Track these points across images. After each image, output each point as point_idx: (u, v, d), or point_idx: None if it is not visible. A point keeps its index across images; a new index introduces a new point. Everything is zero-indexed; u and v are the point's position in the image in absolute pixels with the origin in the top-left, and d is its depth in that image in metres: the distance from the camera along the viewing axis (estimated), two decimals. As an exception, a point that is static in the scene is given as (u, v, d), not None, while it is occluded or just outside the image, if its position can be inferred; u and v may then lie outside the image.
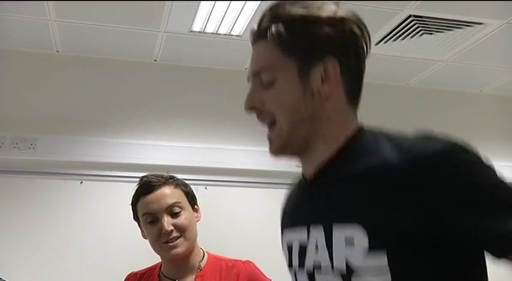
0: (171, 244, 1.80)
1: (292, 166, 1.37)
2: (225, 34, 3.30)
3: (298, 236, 1.20)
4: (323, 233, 1.10)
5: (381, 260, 1.01)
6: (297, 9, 1.13)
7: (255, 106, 1.17)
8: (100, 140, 3.56)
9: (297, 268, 1.19)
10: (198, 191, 2.05)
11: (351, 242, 1.05)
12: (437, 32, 3.25)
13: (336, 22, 1.13)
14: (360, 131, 1.17)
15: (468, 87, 4.20)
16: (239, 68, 3.75)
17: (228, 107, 3.77)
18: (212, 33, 3.28)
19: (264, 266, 1.99)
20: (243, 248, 2.24)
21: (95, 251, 3.33)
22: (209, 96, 3.83)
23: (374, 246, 1.00)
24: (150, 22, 3.17)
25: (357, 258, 1.03)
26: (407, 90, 4.16)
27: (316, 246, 1.11)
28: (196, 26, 3.18)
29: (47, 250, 3.31)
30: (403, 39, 3.35)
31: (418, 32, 3.25)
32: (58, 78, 3.61)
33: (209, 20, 3.10)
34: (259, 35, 1.17)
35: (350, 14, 1.15)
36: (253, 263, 1.94)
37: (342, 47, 1.13)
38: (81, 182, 3.48)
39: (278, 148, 1.18)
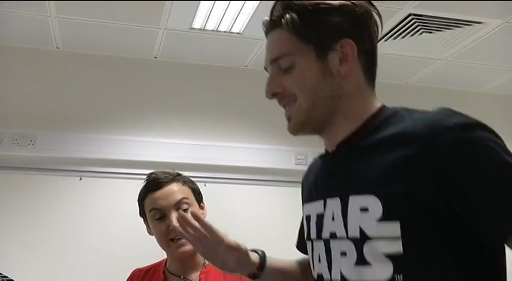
0: (178, 242, 1.80)
1: (291, 164, 1.36)
2: (225, 31, 3.28)
3: (315, 209, 1.23)
4: (339, 204, 1.12)
5: (394, 230, 1.03)
6: (302, 6, 1.16)
7: (277, 92, 1.19)
8: (100, 137, 3.54)
9: (314, 239, 1.22)
10: (197, 188, 2.01)
11: (366, 211, 1.08)
12: (437, 30, 3.24)
13: (347, 8, 1.15)
14: (382, 108, 1.20)
15: (467, 86, 4.21)
16: (239, 66, 3.76)
17: (228, 104, 3.78)
18: (212, 30, 3.26)
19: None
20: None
21: (95, 248, 3.31)
22: (209, 93, 3.81)
23: (388, 216, 1.03)
24: (151, 19, 3.15)
25: (370, 226, 1.06)
26: (406, 89, 4.18)
27: (333, 217, 1.14)
28: (197, 23, 3.17)
29: (46, 246, 3.30)
30: (403, 37, 3.34)
31: (417, 31, 3.25)
32: (58, 75, 3.59)
33: (209, 18, 3.08)
34: (273, 24, 1.20)
35: (370, 9, 1.18)
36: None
37: (356, 30, 1.16)
38: (81, 179, 3.47)
39: (296, 125, 1.20)
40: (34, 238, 3.37)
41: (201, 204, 1.93)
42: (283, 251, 1.58)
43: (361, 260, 1.09)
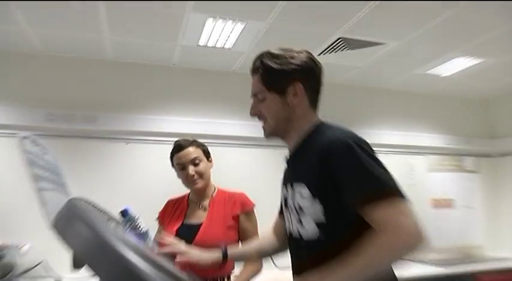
0: (194, 182, 1.94)
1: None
2: (220, 47, 3.25)
3: (284, 191, 1.34)
4: (291, 188, 1.26)
5: (317, 204, 1.16)
6: (272, 61, 1.29)
7: (255, 114, 1.35)
8: (139, 117, 3.52)
9: (284, 209, 1.33)
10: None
11: (301, 193, 1.19)
12: (356, 48, 3.27)
13: (301, 65, 1.29)
14: (319, 125, 1.31)
15: (377, 84, 4.23)
16: (229, 70, 3.79)
17: (223, 95, 3.79)
18: (212, 46, 3.23)
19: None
20: (236, 187, 2.37)
21: (139, 189, 3.32)
22: (211, 88, 3.80)
23: (313, 195, 1.16)
24: (170, 38, 3.09)
25: (303, 202, 1.19)
26: (338, 86, 4.15)
27: (290, 195, 1.26)
28: (202, 42, 3.15)
29: (104, 191, 3.15)
30: (334, 52, 3.35)
31: (343, 49, 3.27)
32: (111, 75, 3.55)
33: (210, 38, 3.07)
34: (253, 71, 1.35)
35: (309, 58, 1.32)
36: (244, 194, 2.05)
37: (304, 77, 1.30)
38: (127, 144, 3.49)
39: (267, 134, 1.36)
40: (95, 187, 3.27)
41: (209, 159, 2.05)
42: (262, 192, 1.68)
43: (300, 222, 1.21)
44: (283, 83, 1.28)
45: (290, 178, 1.29)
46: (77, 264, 0.80)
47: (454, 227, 4.45)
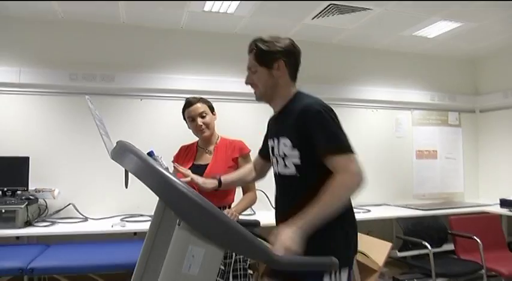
0: (202, 131, 2.29)
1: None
2: (223, 12, 3.47)
3: (270, 142, 1.71)
4: (278, 140, 1.63)
5: (296, 151, 1.54)
6: (263, 44, 1.63)
7: (249, 82, 1.70)
8: (152, 75, 3.77)
9: (272, 156, 1.72)
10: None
11: (285, 144, 1.58)
12: (347, 13, 3.49)
13: (284, 47, 1.63)
14: (297, 93, 1.67)
15: (366, 45, 4.41)
16: (231, 32, 3.97)
17: (225, 55, 3.94)
18: (216, 11, 3.46)
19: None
20: (235, 135, 2.59)
21: (152, 139, 3.48)
22: (215, 47, 3.98)
23: (293, 146, 1.55)
24: (178, 5, 3.33)
25: (286, 150, 1.58)
26: (330, 47, 4.36)
27: (277, 146, 1.64)
28: (207, 7, 3.38)
29: (116, 140, 3.42)
30: (326, 17, 3.58)
31: (334, 13, 3.52)
32: (126, 39, 3.77)
33: (214, 4, 3.30)
34: (249, 51, 1.69)
35: (291, 43, 1.65)
36: (242, 141, 2.39)
37: (286, 56, 1.64)
38: (141, 99, 3.76)
39: (258, 98, 1.71)
40: (114, 138, 3.51)
41: (213, 113, 2.38)
42: (257, 140, 2.01)
43: (285, 165, 1.60)
44: (270, 60, 1.63)
45: (276, 133, 1.66)
46: (126, 183, 1.21)
47: (437, 176, 4.90)
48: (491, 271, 3.16)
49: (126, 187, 1.22)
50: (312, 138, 1.49)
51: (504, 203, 4.08)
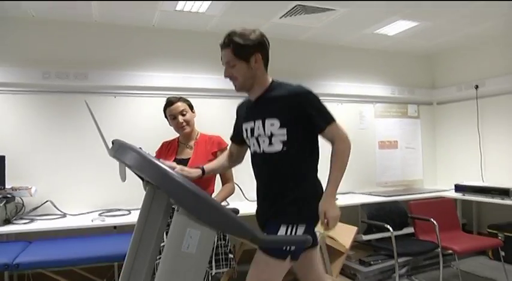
0: (183, 128, 2.44)
1: (231, 86, 1.89)
2: (195, 11, 3.57)
3: (249, 125, 1.88)
4: (261, 122, 1.81)
5: (284, 131, 1.76)
6: (238, 39, 1.77)
7: (229, 75, 1.84)
8: (127, 73, 3.84)
9: (250, 138, 1.89)
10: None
11: (273, 124, 1.76)
12: (312, 12, 3.68)
13: (258, 40, 1.80)
14: (272, 81, 1.88)
15: (331, 42, 4.64)
16: (203, 29, 4.06)
17: (196, 53, 4.08)
18: (187, 11, 3.56)
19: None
20: (210, 129, 2.73)
21: (127, 136, 3.17)
22: (188, 44, 4.07)
23: (281, 125, 1.75)
24: (150, 4, 3.39)
25: (274, 130, 1.76)
26: (298, 43, 4.53)
27: (258, 127, 1.82)
28: (179, 7, 3.48)
29: (97, 139, 3.44)
30: (293, 15, 3.76)
31: (301, 13, 3.69)
32: (100, 36, 3.80)
33: (185, 4, 3.40)
34: (225, 45, 1.81)
35: (262, 35, 1.81)
36: (220, 136, 2.54)
37: (261, 49, 1.81)
38: (115, 97, 3.81)
39: (238, 89, 1.87)
40: (88, 136, 3.59)
41: (193, 110, 2.54)
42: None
43: (270, 143, 1.79)
44: (247, 54, 1.79)
45: (259, 115, 1.83)
46: (123, 177, 1.35)
47: (398, 165, 5.24)
48: (446, 249, 3.49)
49: (124, 181, 1.36)
50: (306, 116, 1.76)
51: (458, 188, 4.44)
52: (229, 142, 2.20)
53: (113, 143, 1.42)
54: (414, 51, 5.20)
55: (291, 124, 1.77)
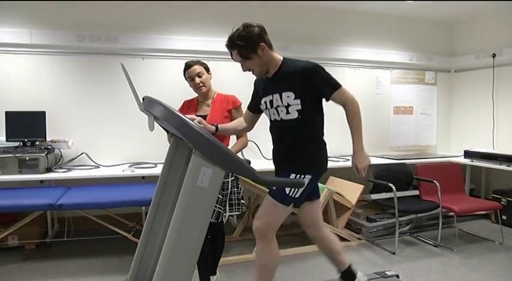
0: (200, 89, 2.64)
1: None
2: None
3: (268, 98, 2.17)
4: (278, 95, 2.10)
5: (298, 101, 2.04)
6: (240, 41, 2.02)
7: (246, 69, 2.12)
8: (153, 36, 4.07)
9: (269, 108, 2.18)
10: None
11: (289, 96, 2.05)
12: None
13: (260, 32, 2.04)
14: (283, 59, 2.14)
15: (350, 7, 4.64)
16: None
17: (216, 18, 4.23)
18: None
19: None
20: (229, 90, 2.85)
21: (153, 94, 3.80)
22: (208, 8, 4.25)
23: (296, 96, 2.04)
24: None
25: (290, 101, 2.05)
26: (317, 10, 4.57)
27: (277, 100, 2.11)
28: None
29: (126, 98, 3.61)
30: None
31: None
32: (129, 2, 3.99)
33: None
34: (231, 49, 2.08)
35: (258, 26, 2.03)
36: (235, 96, 2.73)
37: (262, 39, 2.05)
38: (143, 59, 4.09)
39: (258, 76, 2.17)
40: (118, 94, 3.98)
41: (209, 72, 2.71)
42: (246, 94, 2.41)
43: (287, 112, 2.08)
44: (253, 49, 2.05)
45: (276, 90, 2.10)
46: (151, 127, 1.64)
47: (412, 130, 5.43)
48: (446, 209, 3.76)
49: (152, 130, 1.66)
50: (315, 86, 2.03)
51: (467, 154, 4.63)
52: (242, 101, 2.44)
53: (143, 99, 1.73)
54: (434, 18, 5.23)
55: (304, 95, 2.04)
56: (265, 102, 2.18)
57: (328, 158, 2.24)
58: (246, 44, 2.02)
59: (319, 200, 2.38)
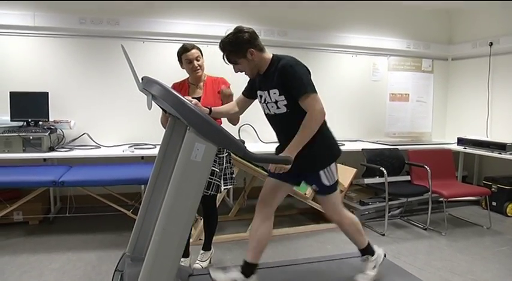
0: (197, 72, 2.71)
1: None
2: None
3: (260, 93, 2.24)
4: (267, 92, 2.16)
5: (283, 97, 2.08)
6: (230, 47, 2.08)
7: (238, 71, 2.20)
8: (153, 20, 4.17)
9: (263, 103, 2.24)
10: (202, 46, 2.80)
11: (275, 93, 2.09)
12: None
13: (250, 37, 2.08)
14: (273, 57, 2.16)
15: None
16: None
17: (215, 5, 4.33)
18: None
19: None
20: (223, 73, 2.80)
21: (153, 75, 4.02)
22: None
23: (279, 93, 2.08)
24: None
25: (276, 97, 2.10)
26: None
27: (266, 96, 2.17)
28: None
29: (126, 79, 3.65)
30: None
31: None
32: None
33: None
34: (222, 51, 2.13)
35: (247, 32, 2.08)
36: (224, 78, 2.79)
37: (251, 44, 2.09)
38: (143, 42, 4.21)
39: (251, 77, 2.24)
40: (118, 76, 4.06)
41: (202, 56, 2.73)
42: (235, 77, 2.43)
43: (277, 107, 2.13)
44: (242, 54, 2.11)
45: (266, 87, 2.17)
46: (149, 106, 1.77)
47: (407, 117, 5.55)
48: (435, 194, 3.90)
49: (150, 109, 1.79)
50: (288, 86, 2.05)
51: (460, 141, 4.76)
52: (231, 83, 2.54)
53: (142, 79, 1.86)
54: (433, 4, 5.24)
55: (286, 92, 2.07)
56: (260, 96, 2.26)
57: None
58: (234, 50, 2.09)
59: (337, 191, 2.37)
